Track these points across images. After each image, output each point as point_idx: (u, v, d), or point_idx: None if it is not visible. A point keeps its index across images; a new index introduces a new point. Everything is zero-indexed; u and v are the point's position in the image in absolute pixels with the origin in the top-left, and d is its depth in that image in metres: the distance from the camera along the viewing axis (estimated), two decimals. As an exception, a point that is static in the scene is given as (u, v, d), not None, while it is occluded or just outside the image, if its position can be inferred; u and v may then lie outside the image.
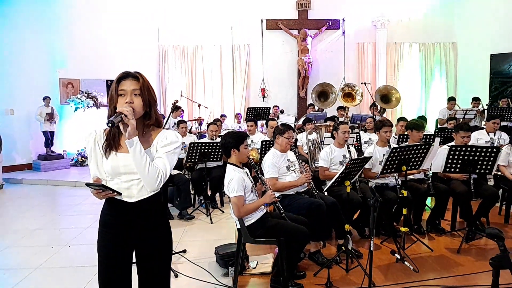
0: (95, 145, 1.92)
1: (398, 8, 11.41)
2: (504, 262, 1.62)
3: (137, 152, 1.79)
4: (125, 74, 1.86)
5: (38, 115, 8.77)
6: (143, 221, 1.94)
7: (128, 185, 1.90)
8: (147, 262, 1.99)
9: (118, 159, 1.88)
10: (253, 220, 3.24)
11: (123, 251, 1.96)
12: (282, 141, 3.89)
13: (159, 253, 2.00)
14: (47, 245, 4.44)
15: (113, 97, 1.86)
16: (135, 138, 1.79)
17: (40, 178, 8.18)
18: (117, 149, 1.89)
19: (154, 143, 1.93)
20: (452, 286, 3.25)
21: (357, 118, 8.59)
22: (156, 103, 1.94)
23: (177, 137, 1.96)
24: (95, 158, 1.93)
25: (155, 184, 1.85)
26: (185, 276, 3.55)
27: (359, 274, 3.37)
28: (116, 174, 1.89)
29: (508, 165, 4.75)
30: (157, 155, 1.91)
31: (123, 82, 1.85)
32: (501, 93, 10.45)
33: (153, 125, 1.94)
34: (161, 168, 1.87)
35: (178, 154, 1.98)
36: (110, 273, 1.97)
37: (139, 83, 1.85)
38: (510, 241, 4.23)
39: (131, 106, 1.80)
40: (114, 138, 1.90)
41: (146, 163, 1.81)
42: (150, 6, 10.84)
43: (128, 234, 1.94)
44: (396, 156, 3.90)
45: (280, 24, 11.28)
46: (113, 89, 1.86)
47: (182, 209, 5.34)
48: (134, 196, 1.91)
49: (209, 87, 11.55)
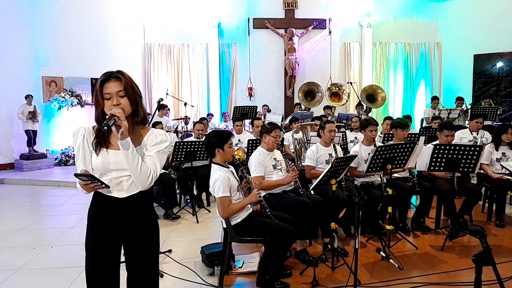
0: (84, 141, 1.93)
1: (383, 9, 11.53)
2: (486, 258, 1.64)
3: (130, 153, 1.82)
4: (107, 76, 1.86)
5: (20, 113, 8.59)
6: (132, 217, 1.95)
7: (118, 181, 1.92)
8: (136, 258, 2.00)
9: (109, 156, 1.90)
10: (239, 220, 3.23)
11: (112, 247, 1.97)
12: (269, 140, 3.88)
13: (148, 250, 2.01)
14: (29, 246, 4.35)
15: (99, 101, 1.87)
16: (128, 139, 1.82)
17: (23, 178, 8.02)
18: (107, 147, 1.92)
19: (144, 142, 1.96)
20: (436, 283, 3.29)
21: (343, 117, 8.64)
22: (141, 99, 1.96)
23: (167, 136, 2.01)
24: (83, 155, 1.93)
25: (146, 183, 1.88)
26: (170, 276, 3.51)
27: (344, 272, 3.39)
28: (106, 170, 1.91)
29: (491, 163, 4.84)
30: (147, 154, 1.94)
31: (107, 85, 1.85)
32: (484, 93, 10.65)
33: (141, 122, 1.96)
34: (152, 167, 1.90)
35: (167, 153, 2.02)
36: (98, 269, 1.97)
37: (123, 84, 1.85)
38: (493, 238, 4.31)
39: (120, 107, 1.82)
40: (104, 136, 1.91)
41: (138, 163, 1.84)
42: (135, 4, 10.73)
43: (117, 230, 1.95)
44: (381, 154, 3.92)
45: (267, 23, 11.28)
46: (97, 92, 1.87)
47: (168, 208, 5.29)
48: (124, 192, 1.93)
49: (195, 86, 11.49)
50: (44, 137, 9.51)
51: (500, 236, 4.38)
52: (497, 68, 10.56)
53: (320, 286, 3.23)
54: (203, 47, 11.39)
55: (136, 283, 2.01)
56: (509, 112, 9.96)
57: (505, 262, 3.60)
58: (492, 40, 10.39)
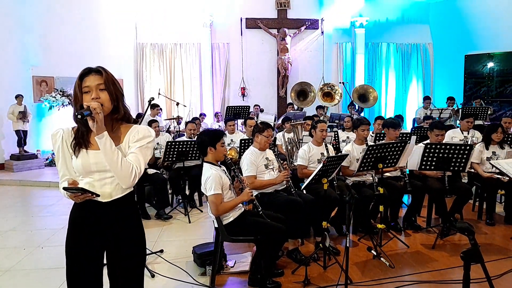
0: (63, 143, 1.86)
1: (375, 9, 11.59)
2: (474, 255, 1.65)
3: (108, 147, 1.73)
4: (87, 70, 1.80)
5: (10, 113, 8.49)
6: (116, 222, 1.87)
7: (101, 184, 1.84)
8: (119, 265, 1.92)
9: (89, 157, 1.82)
10: (231, 219, 3.22)
11: (94, 253, 1.89)
12: (261, 139, 3.88)
13: (132, 255, 1.92)
14: (19, 247, 4.32)
15: (78, 95, 1.80)
16: (105, 133, 1.73)
17: (13, 179, 7.93)
18: (87, 147, 1.83)
19: (125, 139, 1.87)
20: (427, 281, 3.31)
21: (335, 117, 8.68)
22: (123, 96, 1.88)
23: (150, 131, 1.91)
24: (64, 157, 1.87)
25: (129, 180, 1.79)
26: (162, 276, 3.50)
27: (336, 271, 3.39)
28: (87, 172, 1.83)
29: (481, 162, 4.87)
30: (129, 151, 1.85)
31: (86, 79, 1.78)
32: (475, 93, 10.73)
33: (122, 119, 1.88)
34: (135, 163, 1.81)
35: (151, 149, 1.93)
36: (80, 276, 1.89)
37: (103, 78, 1.78)
38: (483, 236, 4.35)
39: (99, 101, 1.74)
40: (83, 136, 1.83)
41: (118, 158, 1.75)
42: (127, 3, 10.66)
43: (100, 235, 1.87)
44: (373, 153, 3.94)
45: (260, 23, 11.28)
46: (76, 86, 1.79)
47: (160, 208, 5.26)
48: (107, 196, 1.85)
49: (188, 86, 11.45)
50: (34, 137, 9.42)
51: (490, 234, 4.41)
52: (488, 68, 10.65)
53: (311, 285, 3.23)
54: (196, 47, 11.35)
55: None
56: (500, 112, 10.05)
57: (495, 260, 3.63)
58: (483, 40, 10.48)
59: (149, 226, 4.90)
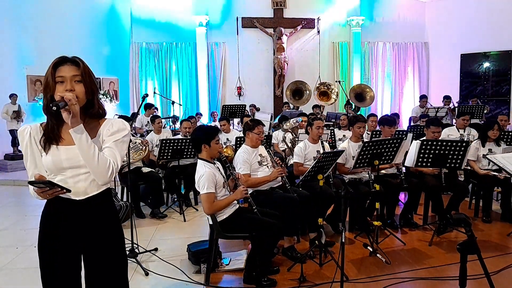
0: (31, 140, 1.73)
1: (371, 8, 11.60)
2: (471, 247, 1.63)
3: (84, 141, 1.63)
4: (63, 58, 1.70)
5: (5, 113, 8.41)
6: (92, 221, 1.76)
7: (74, 181, 1.73)
8: (98, 267, 1.80)
9: (60, 153, 1.71)
10: (225, 216, 3.19)
11: (69, 256, 1.77)
12: (253, 136, 3.84)
13: (111, 257, 1.82)
14: (12, 245, 4.28)
15: (50, 85, 1.67)
16: (81, 125, 1.63)
17: (7, 179, 7.85)
18: (58, 142, 1.71)
19: (99, 133, 1.78)
20: (424, 278, 3.29)
21: (332, 116, 8.65)
22: (98, 92, 1.80)
23: (125, 124, 1.81)
24: (32, 155, 1.74)
25: (106, 175, 1.70)
26: (156, 274, 3.46)
27: (332, 268, 3.36)
28: (59, 169, 1.72)
29: (478, 160, 4.86)
30: (104, 145, 1.75)
31: (61, 68, 1.67)
32: (471, 92, 10.75)
33: (96, 115, 1.79)
34: (111, 158, 1.71)
35: (127, 143, 1.84)
36: (56, 281, 1.76)
37: (80, 69, 1.69)
38: (480, 233, 4.33)
39: (73, 94, 1.63)
40: (53, 130, 1.71)
41: (94, 153, 1.65)
42: (123, 3, 10.60)
43: (75, 236, 1.75)
44: (369, 150, 3.91)
45: (256, 22, 11.26)
46: (49, 75, 1.67)
47: (154, 207, 5.21)
48: (82, 193, 1.74)
49: (184, 86, 11.41)
50: (29, 137, 9.32)
51: (487, 231, 4.40)
52: (484, 67, 10.68)
53: (307, 282, 3.20)
54: (192, 46, 11.31)
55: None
56: (496, 111, 10.08)
57: (492, 257, 3.61)
58: (479, 40, 10.51)
59: (144, 224, 4.86)
